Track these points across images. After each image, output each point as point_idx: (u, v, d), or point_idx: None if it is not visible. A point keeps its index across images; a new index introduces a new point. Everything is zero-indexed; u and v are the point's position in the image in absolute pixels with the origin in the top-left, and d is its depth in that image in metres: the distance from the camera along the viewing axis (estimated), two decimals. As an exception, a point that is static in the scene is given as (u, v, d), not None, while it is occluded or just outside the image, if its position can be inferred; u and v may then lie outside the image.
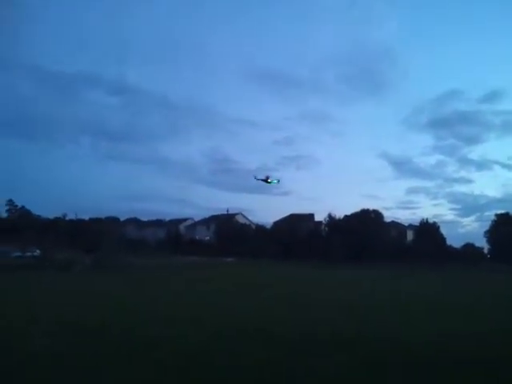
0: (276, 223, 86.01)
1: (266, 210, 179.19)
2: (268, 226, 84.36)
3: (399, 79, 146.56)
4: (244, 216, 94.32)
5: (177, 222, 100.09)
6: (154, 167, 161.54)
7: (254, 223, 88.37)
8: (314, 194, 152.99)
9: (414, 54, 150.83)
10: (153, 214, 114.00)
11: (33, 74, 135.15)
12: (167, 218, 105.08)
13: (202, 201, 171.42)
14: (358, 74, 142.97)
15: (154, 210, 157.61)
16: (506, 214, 76.07)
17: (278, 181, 36.11)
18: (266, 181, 34.09)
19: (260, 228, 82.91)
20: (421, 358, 7.63)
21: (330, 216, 78.91)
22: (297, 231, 76.84)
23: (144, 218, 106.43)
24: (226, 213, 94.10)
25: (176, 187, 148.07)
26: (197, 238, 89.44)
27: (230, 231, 78.56)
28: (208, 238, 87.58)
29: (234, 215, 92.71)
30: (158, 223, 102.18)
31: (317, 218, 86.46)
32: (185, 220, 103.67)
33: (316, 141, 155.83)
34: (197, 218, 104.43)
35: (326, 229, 78.22)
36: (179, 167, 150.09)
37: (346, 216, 78.01)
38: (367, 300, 17.78)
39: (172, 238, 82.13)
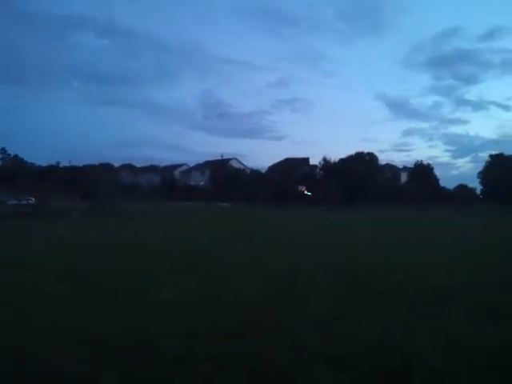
0: (271, 168, 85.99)
1: (260, 155, 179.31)
2: (263, 171, 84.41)
3: (398, 17, 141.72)
4: (239, 161, 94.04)
5: (171, 168, 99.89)
6: (146, 112, 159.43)
7: (248, 168, 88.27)
8: (309, 137, 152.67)
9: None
10: (147, 160, 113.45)
11: (20, 17, 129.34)
12: (162, 164, 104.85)
13: (197, 146, 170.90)
14: (356, 11, 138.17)
15: (149, 156, 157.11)
16: (500, 155, 76.08)
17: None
18: None
19: (255, 173, 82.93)
20: (415, 298, 7.78)
21: (324, 159, 79.09)
22: (292, 175, 77.07)
23: (138, 164, 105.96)
24: (220, 158, 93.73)
25: (170, 133, 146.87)
26: (191, 183, 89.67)
27: (224, 176, 78.63)
28: (203, 183, 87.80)
29: (228, 160, 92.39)
30: (153, 169, 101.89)
31: (312, 162, 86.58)
32: (179, 166, 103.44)
33: (311, 83, 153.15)
34: (191, 164, 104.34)
35: (321, 172, 78.55)
36: (173, 112, 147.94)
37: (341, 159, 78.11)
38: (362, 243, 17.96)
39: (167, 184, 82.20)
